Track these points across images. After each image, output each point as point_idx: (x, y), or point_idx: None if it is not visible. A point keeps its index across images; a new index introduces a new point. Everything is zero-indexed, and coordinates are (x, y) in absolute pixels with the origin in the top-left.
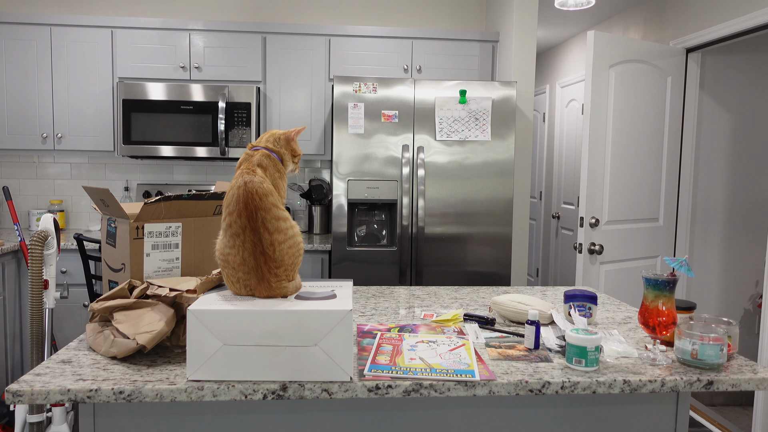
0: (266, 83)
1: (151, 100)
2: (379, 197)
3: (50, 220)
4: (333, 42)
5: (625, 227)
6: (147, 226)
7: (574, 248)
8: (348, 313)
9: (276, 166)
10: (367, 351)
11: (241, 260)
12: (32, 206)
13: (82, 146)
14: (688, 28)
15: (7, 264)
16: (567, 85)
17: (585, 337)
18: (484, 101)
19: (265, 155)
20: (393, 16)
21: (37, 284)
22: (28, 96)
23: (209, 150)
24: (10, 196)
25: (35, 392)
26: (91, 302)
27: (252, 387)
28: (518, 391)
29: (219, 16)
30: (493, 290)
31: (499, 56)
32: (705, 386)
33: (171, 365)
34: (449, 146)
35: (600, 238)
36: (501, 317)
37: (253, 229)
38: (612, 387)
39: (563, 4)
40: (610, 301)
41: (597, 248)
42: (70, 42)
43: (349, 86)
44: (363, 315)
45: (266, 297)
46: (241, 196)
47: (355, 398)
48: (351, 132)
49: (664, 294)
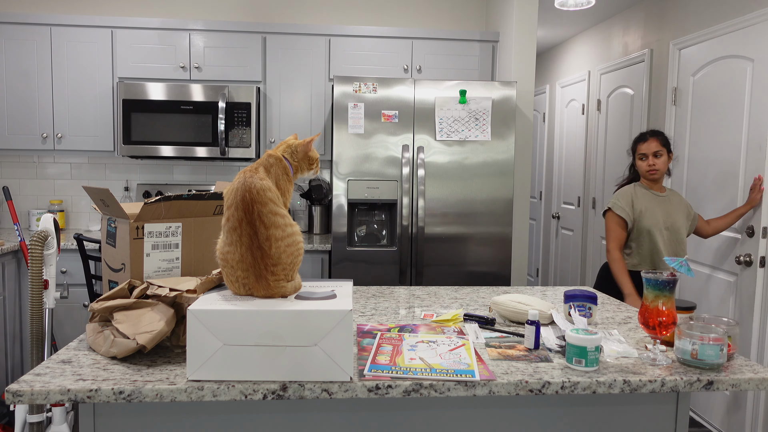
0: (266, 83)
1: (151, 100)
2: (379, 197)
3: (50, 220)
4: (333, 42)
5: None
6: (147, 226)
7: (737, 262)
8: (348, 313)
9: (284, 170)
10: (367, 351)
11: (239, 257)
12: (32, 206)
13: (82, 146)
14: (689, 28)
15: (7, 264)
16: (567, 85)
17: (585, 337)
18: (484, 101)
19: (273, 157)
20: (393, 16)
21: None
22: (28, 96)
23: (209, 150)
24: (10, 196)
25: (35, 392)
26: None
27: (252, 387)
28: (518, 391)
29: (219, 16)
30: (493, 290)
31: (499, 56)
32: (705, 386)
33: (171, 365)
34: (449, 146)
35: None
36: (501, 317)
37: (249, 222)
38: (612, 387)
39: (563, 4)
40: (610, 301)
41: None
42: (70, 42)
43: (349, 86)
44: (363, 315)
45: (264, 296)
46: (239, 190)
47: (355, 398)
48: (351, 132)
49: (664, 294)
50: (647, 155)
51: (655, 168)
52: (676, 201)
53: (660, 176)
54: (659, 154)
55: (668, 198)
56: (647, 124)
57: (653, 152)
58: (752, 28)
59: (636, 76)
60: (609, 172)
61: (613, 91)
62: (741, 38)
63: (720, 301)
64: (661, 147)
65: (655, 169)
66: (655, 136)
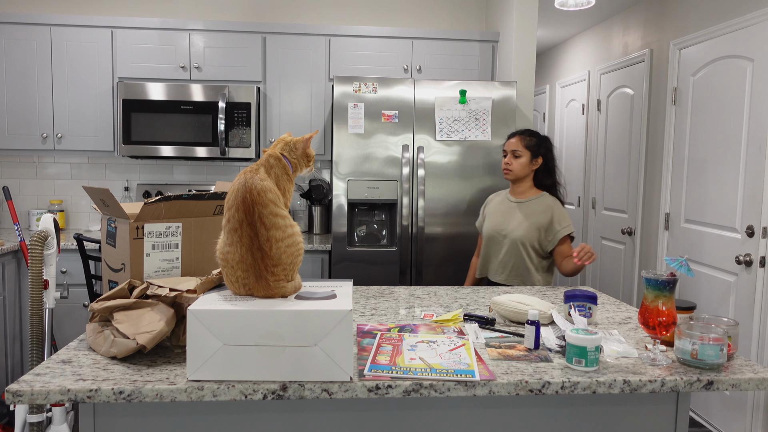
0: (266, 83)
1: (151, 100)
2: (379, 197)
3: (50, 220)
4: (333, 42)
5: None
6: (147, 226)
7: (737, 262)
8: (348, 313)
9: (284, 168)
10: (367, 351)
11: (239, 257)
12: (32, 206)
13: (82, 146)
14: (689, 28)
15: (7, 264)
16: (567, 85)
17: (585, 337)
18: (484, 101)
19: (273, 156)
20: (393, 16)
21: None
22: (28, 96)
23: (209, 150)
24: (10, 196)
25: (35, 392)
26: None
27: (252, 387)
28: (518, 391)
29: (219, 16)
30: (493, 290)
31: (499, 56)
32: (705, 386)
33: (171, 365)
34: (449, 146)
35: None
36: (501, 317)
37: (250, 223)
38: (612, 387)
39: (563, 4)
40: (610, 301)
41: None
42: (70, 42)
43: (349, 86)
44: (363, 315)
45: (264, 296)
46: (239, 191)
47: (355, 398)
48: (351, 132)
49: (664, 294)
50: (507, 153)
51: (508, 168)
52: (534, 211)
53: (514, 177)
54: (518, 155)
55: (526, 205)
56: (647, 124)
57: (512, 150)
58: (752, 28)
59: (636, 76)
60: (609, 172)
61: (613, 91)
62: (741, 38)
63: (720, 301)
64: (522, 148)
65: (508, 168)
66: (522, 135)
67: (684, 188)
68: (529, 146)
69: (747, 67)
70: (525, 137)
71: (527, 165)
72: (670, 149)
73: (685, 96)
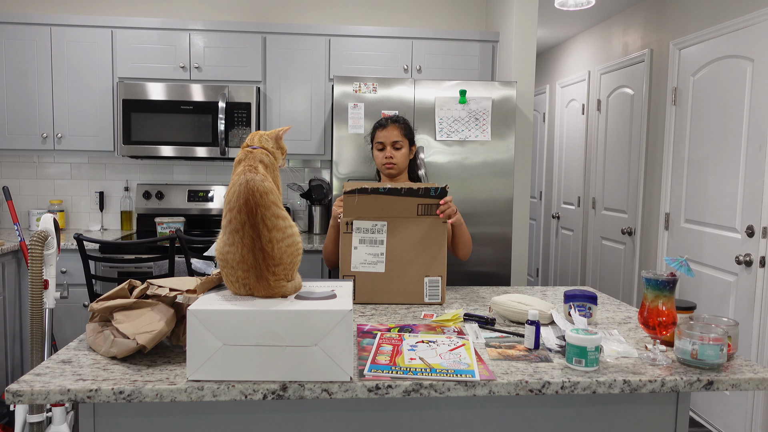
0: (266, 83)
1: (151, 100)
2: None
3: (50, 220)
4: (333, 42)
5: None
6: (355, 222)
7: (737, 262)
8: (348, 313)
9: (273, 164)
10: (367, 351)
11: (240, 258)
12: (32, 206)
13: (82, 146)
14: (689, 28)
15: (7, 264)
16: (567, 85)
17: (585, 337)
18: (484, 101)
19: (265, 153)
20: (393, 16)
21: (37, 284)
22: (28, 96)
23: (209, 150)
24: (10, 196)
25: (35, 392)
26: (91, 302)
27: (252, 387)
28: (518, 391)
29: (219, 16)
30: (493, 290)
31: (499, 56)
32: (705, 386)
33: (171, 365)
34: (449, 146)
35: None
36: (501, 317)
37: (252, 225)
38: (612, 387)
39: (563, 4)
40: (610, 301)
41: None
42: (70, 42)
43: (349, 86)
44: (363, 315)
45: (265, 296)
46: (242, 193)
47: (355, 398)
48: (351, 132)
49: (664, 294)
50: (385, 145)
51: (392, 162)
52: None
53: (398, 172)
54: (399, 146)
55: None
56: (647, 124)
57: (392, 142)
58: (752, 28)
59: (636, 76)
60: (609, 172)
61: (613, 91)
62: (741, 38)
63: (720, 301)
64: (402, 137)
65: (392, 162)
66: (397, 123)
67: (684, 188)
68: (407, 135)
69: (747, 67)
70: (400, 125)
71: (408, 156)
72: (670, 149)
73: (685, 96)
